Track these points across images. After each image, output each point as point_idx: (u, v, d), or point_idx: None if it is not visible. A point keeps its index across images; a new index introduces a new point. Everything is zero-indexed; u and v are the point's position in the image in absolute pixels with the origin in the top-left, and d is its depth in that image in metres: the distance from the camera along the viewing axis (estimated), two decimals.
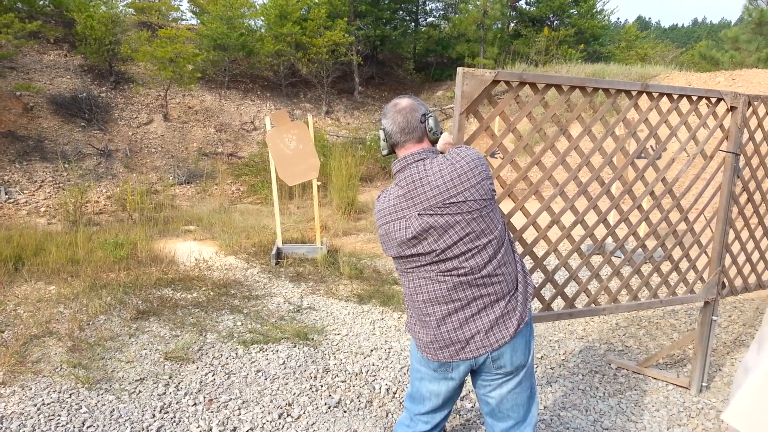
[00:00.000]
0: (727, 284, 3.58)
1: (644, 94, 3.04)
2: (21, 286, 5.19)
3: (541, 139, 2.87)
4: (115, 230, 7.19)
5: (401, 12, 20.14)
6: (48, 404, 3.25)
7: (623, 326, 4.58)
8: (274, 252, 6.30)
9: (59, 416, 3.13)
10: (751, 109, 3.39)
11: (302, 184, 9.39)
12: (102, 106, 12.01)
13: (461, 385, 2.17)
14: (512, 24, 21.37)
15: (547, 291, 5.24)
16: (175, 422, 3.12)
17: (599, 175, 3.04)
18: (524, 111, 2.74)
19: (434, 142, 2.10)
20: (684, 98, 3.18)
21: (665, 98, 3.14)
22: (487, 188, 1.97)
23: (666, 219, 3.30)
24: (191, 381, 3.56)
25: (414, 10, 20.93)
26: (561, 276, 5.57)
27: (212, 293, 5.19)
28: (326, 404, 3.32)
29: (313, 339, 4.23)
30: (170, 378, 3.59)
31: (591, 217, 4.65)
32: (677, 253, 3.37)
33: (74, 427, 3.03)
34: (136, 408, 3.24)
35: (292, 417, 3.19)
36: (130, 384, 3.50)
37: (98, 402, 3.29)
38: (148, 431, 3.03)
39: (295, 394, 3.43)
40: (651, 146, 6.52)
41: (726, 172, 3.40)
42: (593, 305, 3.14)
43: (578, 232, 5.35)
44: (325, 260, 6.22)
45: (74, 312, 4.59)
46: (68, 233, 6.82)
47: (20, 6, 12.87)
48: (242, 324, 4.49)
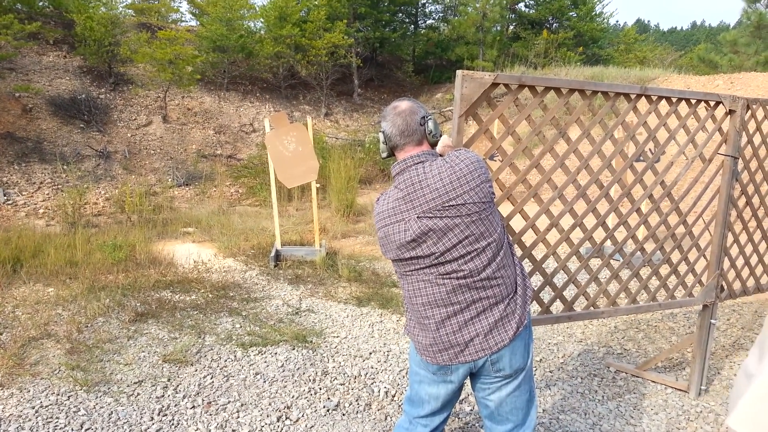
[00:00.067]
0: (726, 287, 3.58)
1: (643, 97, 3.05)
2: (19, 288, 5.18)
3: (540, 142, 2.87)
4: (114, 232, 7.18)
5: (401, 14, 20.15)
6: (46, 407, 3.24)
7: (622, 329, 4.58)
8: (273, 254, 6.29)
9: (57, 419, 3.13)
10: (750, 113, 3.40)
11: (301, 186, 9.39)
12: (101, 108, 12.00)
13: (460, 388, 2.17)
14: (511, 26, 21.39)
15: (546, 294, 5.24)
16: (174, 425, 3.11)
17: (598, 178, 3.05)
18: (523, 114, 2.74)
19: (434, 145, 2.11)
20: (683, 101, 3.19)
21: (664, 101, 3.15)
22: (486, 191, 1.97)
23: (665, 222, 3.30)
24: (190, 383, 3.55)
25: (413, 13, 20.95)
26: (560, 279, 5.57)
27: (211, 295, 5.19)
28: (325, 407, 3.32)
29: (312, 341, 4.22)
30: (169, 380, 3.58)
31: (590, 220, 4.64)
32: (676, 257, 3.37)
33: (72, 430, 3.03)
34: (135, 411, 3.23)
35: (291, 420, 3.19)
36: (129, 386, 3.50)
37: (96, 404, 3.28)
38: None
39: (294, 397, 3.42)
40: (650, 149, 6.53)
41: (724, 176, 3.40)
42: (592, 308, 3.14)
43: (577, 235, 5.37)
44: (324, 263, 6.22)
45: (72, 314, 4.58)
46: (67, 235, 6.81)
47: (20, 7, 12.86)
48: (241, 326, 4.48)
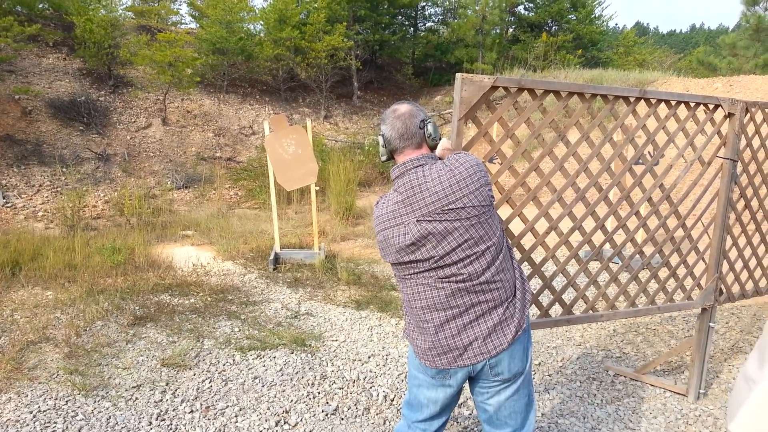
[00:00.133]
0: (725, 291, 3.57)
1: (642, 101, 3.05)
2: (18, 292, 5.17)
3: (540, 145, 2.87)
4: (113, 235, 7.17)
5: (400, 17, 20.18)
6: (44, 411, 3.23)
7: (621, 333, 4.57)
8: (272, 257, 6.28)
9: (55, 423, 3.12)
10: (749, 116, 3.40)
11: (300, 189, 9.39)
12: (100, 110, 12.00)
13: (459, 392, 2.17)
14: (511, 29, 21.42)
15: (545, 297, 5.23)
16: (172, 430, 3.10)
17: (597, 181, 3.04)
18: (523, 117, 2.74)
19: (433, 148, 2.11)
20: (682, 104, 3.19)
21: (663, 104, 3.14)
22: (486, 194, 1.97)
23: (663, 225, 3.30)
24: (188, 388, 3.54)
25: (413, 15, 20.98)
26: (559, 282, 5.56)
27: (210, 299, 5.18)
28: (323, 411, 3.31)
29: (311, 345, 4.21)
30: (167, 385, 3.57)
31: (589, 223, 4.64)
32: (675, 260, 3.37)
33: None
34: (133, 415, 3.23)
35: (290, 424, 3.18)
36: (127, 391, 3.49)
37: (94, 409, 3.27)
38: None
39: (293, 401, 3.41)
40: (649, 152, 6.53)
41: (723, 179, 3.40)
42: (591, 312, 3.14)
43: (576, 238, 5.37)
44: (323, 266, 6.21)
45: (71, 318, 4.57)
46: (66, 238, 6.80)
47: (19, 9, 12.87)
48: (239, 330, 4.47)
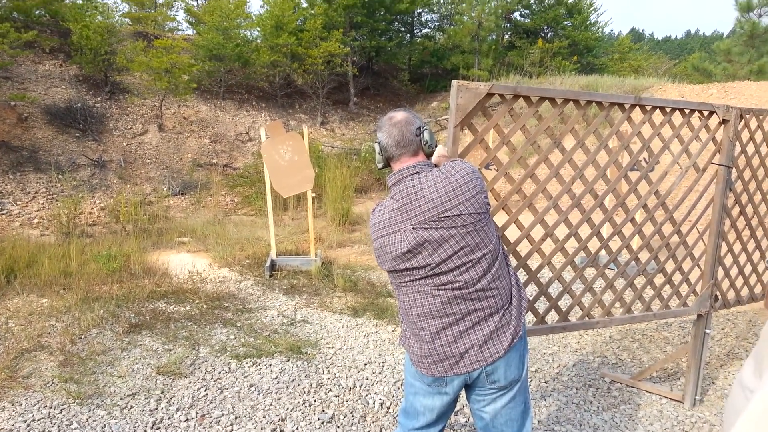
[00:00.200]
0: (720, 297, 3.58)
1: (637, 107, 3.06)
2: (13, 299, 5.14)
3: (535, 152, 2.88)
4: (109, 242, 7.15)
5: (396, 23, 20.22)
6: (38, 420, 3.21)
7: (617, 339, 4.57)
8: (268, 264, 6.27)
9: None
10: (743, 122, 3.41)
11: (297, 196, 9.38)
12: (97, 117, 11.99)
13: (455, 400, 2.16)
14: (507, 36, 21.52)
15: (541, 304, 5.23)
16: None
17: (593, 188, 3.05)
18: (518, 124, 2.74)
19: (429, 155, 2.11)
20: (677, 111, 3.20)
21: (658, 111, 3.16)
22: (482, 202, 1.98)
23: (659, 232, 3.31)
24: (183, 396, 3.53)
25: (409, 22, 21.04)
26: (554, 289, 5.57)
27: (205, 306, 5.16)
28: (319, 419, 3.30)
29: (307, 353, 4.20)
30: (162, 393, 3.56)
31: (584, 230, 4.65)
32: (670, 266, 3.38)
33: None
34: (128, 424, 3.21)
35: None
36: (122, 399, 3.47)
37: (89, 417, 3.26)
38: None
39: (288, 409, 3.40)
40: (644, 158, 6.54)
41: (718, 185, 3.41)
42: (587, 318, 3.14)
43: (571, 245, 5.37)
44: (320, 272, 6.20)
45: (66, 325, 4.55)
46: (61, 245, 6.78)
47: (16, 16, 12.86)
48: (235, 337, 4.46)
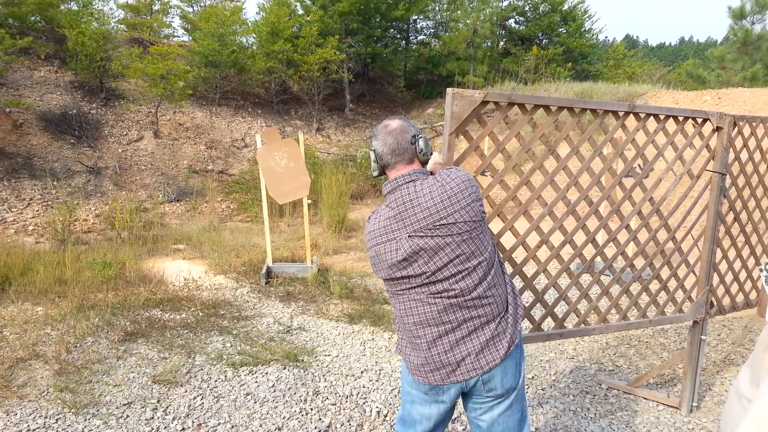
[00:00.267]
0: (716, 303, 3.59)
1: (631, 115, 3.07)
2: (7, 308, 5.12)
3: (530, 159, 2.89)
4: (104, 249, 7.13)
5: (392, 30, 20.28)
6: (34, 430, 3.19)
7: (613, 345, 4.57)
8: (264, 271, 6.26)
9: None
10: (737, 130, 3.43)
11: (293, 202, 9.37)
12: (92, 123, 11.97)
13: (452, 408, 2.16)
14: (502, 42, 21.62)
15: (537, 311, 5.23)
16: None
17: (587, 195, 3.06)
18: (513, 131, 2.75)
19: (424, 163, 2.11)
20: (670, 118, 3.22)
21: (652, 118, 3.17)
22: (477, 210, 1.98)
23: (654, 238, 3.32)
24: (179, 405, 3.51)
25: (405, 28, 21.11)
26: (550, 296, 5.57)
27: (201, 314, 5.14)
28: (316, 428, 3.28)
29: (303, 360, 4.19)
30: (158, 402, 3.54)
31: (579, 237, 4.66)
32: (665, 273, 3.40)
33: None
34: None
35: None
36: (118, 408, 3.45)
37: (85, 427, 3.23)
38: None
39: (285, 418, 3.39)
40: (639, 164, 6.56)
41: (712, 192, 3.43)
42: (583, 325, 3.14)
43: (567, 252, 5.37)
44: (316, 279, 6.19)
45: (61, 334, 4.53)
46: (56, 252, 6.76)
47: (11, 22, 12.84)
48: (231, 345, 4.44)
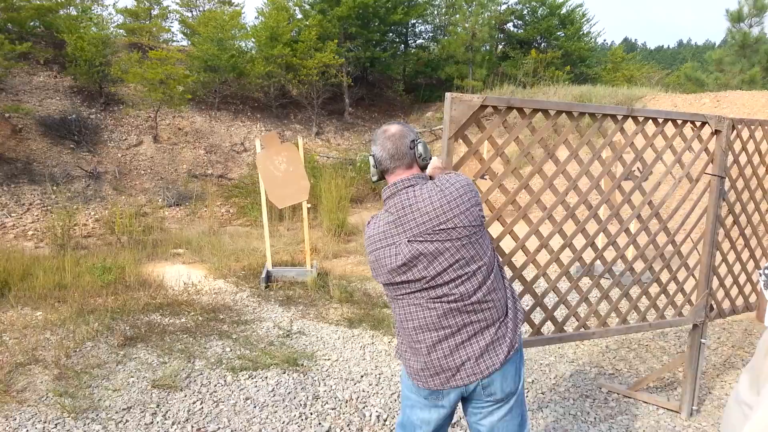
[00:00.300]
0: (715, 307, 3.59)
1: (630, 118, 3.08)
2: (7, 312, 5.11)
3: (529, 163, 2.89)
4: (103, 254, 7.13)
5: (391, 34, 20.32)
6: None
7: (613, 349, 4.57)
8: (264, 275, 6.26)
9: None
10: (735, 133, 3.44)
11: (292, 206, 9.36)
12: (91, 128, 11.98)
13: (452, 413, 2.15)
14: (500, 46, 21.64)
15: (537, 314, 5.23)
16: None
17: (587, 199, 3.06)
18: (512, 136, 2.76)
19: (424, 168, 2.11)
20: (669, 122, 3.22)
21: (651, 122, 3.18)
22: (476, 214, 1.98)
23: (653, 242, 3.32)
24: (179, 410, 3.50)
25: (403, 33, 21.14)
26: (550, 300, 5.56)
27: (201, 318, 5.14)
28: None
29: (303, 365, 4.18)
30: (158, 407, 3.53)
31: (579, 241, 4.65)
32: (665, 276, 3.41)
33: None
34: None
35: None
36: (117, 413, 3.45)
37: None
38: None
39: (285, 423, 3.38)
40: (638, 167, 6.56)
41: (711, 195, 3.43)
42: (583, 329, 3.15)
43: (566, 255, 5.37)
44: (315, 283, 6.19)
45: (61, 338, 4.52)
46: (56, 257, 6.75)
47: (10, 27, 12.84)
48: (231, 350, 4.44)
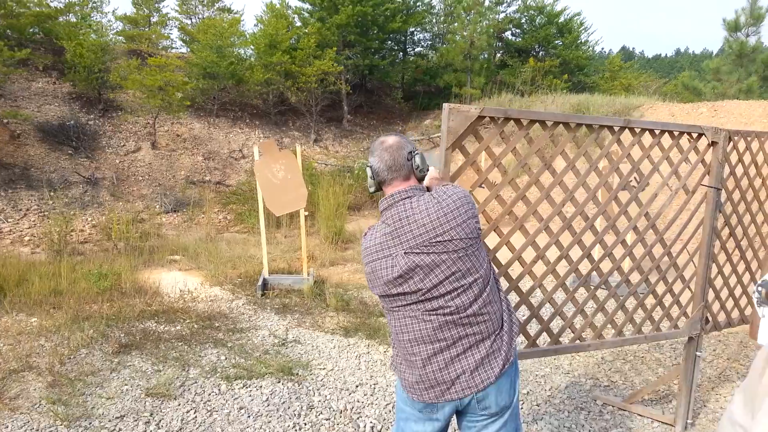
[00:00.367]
0: (711, 319, 3.58)
1: (627, 130, 3.08)
2: (2, 319, 5.08)
3: (526, 173, 2.89)
4: (100, 260, 7.11)
5: (390, 42, 20.40)
6: None
7: (609, 360, 4.56)
8: (260, 283, 6.24)
9: None
10: (732, 144, 3.45)
11: (290, 213, 9.36)
12: (90, 134, 11.98)
13: (447, 426, 2.15)
14: (498, 54, 21.72)
15: (533, 325, 5.22)
16: None
17: (583, 210, 3.06)
18: (509, 147, 2.77)
19: (421, 180, 2.12)
20: (666, 133, 3.23)
21: (647, 133, 3.18)
22: (473, 227, 1.98)
23: (650, 253, 3.32)
24: (172, 419, 3.48)
25: (402, 40, 21.24)
26: (546, 311, 5.55)
27: (196, 326, 5.12)
28: None
29: (298, 374, 4.17)
30: (151, 415, 3.51)
31: (575, 252, 4.65)
32: (661, 288, 3.40)
33: None
34: None
35: None
36: (110, 421, 3.43)
37: None
38: None
39: None
40: (635, 177, 6.58)
41: (708, 207, 3.43)
42: (578, 341, 3.14)
43: (563, 267, 5.37)
44: (312, 291, 6.17)
45: (55, 345, 4.50)
46: (52, 263, 6.73)
47: (10, 33, 12.87)
48: (226, 358, 4.42)
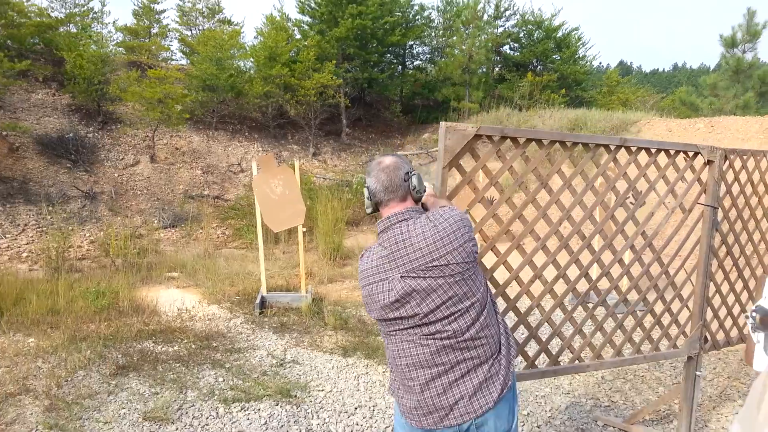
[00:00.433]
0: (710, 338, 3.57)
1: (623, 148, 3.09)
2: None
3: (522, 192, 2.90)
4: (98, 277, 7.08)
5: (389, 55, 20.50)
6: None
7: (609, 380, 4.54)
8: (259, 301, 6.22)
9: None
10: (728, 163, 3.45)
11: (288, 229, 9.37)
12: (88, 147, 11.98)
13: None
14: (497, 68, 21.82)
15: (532, 345, 5.19)
16: None
17: (580, 229, 3.06)
18: (505, 166, 2.78)
19: (418, 201, 2.12)
20: (662, 152, 3.23)
21: (643, 152, 3.19)
22: (470, 250, 1.98)
23: (647, 272, 3.31)
24: None
25: (401, 54, 21.34)
26: (544, 331, 5.53)
27: (194, 346, 5.09)
28: None
29: (296, 396, 4.13)
30: None
31: (573, 271, 4.64)
32: (659, 308, 3.40)
33: None
34: None
35: None
36: None
37: None
38: None
39: None
40: (632, 194, 6.57)
41: (704, 226, 3.43)
42: (577, 361, 3.12)
43: (560, 286, 5.34)
44: (310, 309, 6.14)
45: (53, 367, 4.46)
46: (49, 281, 6.70)
47: (10, 44, 12.88)
48: (224, 380, 4.38)
